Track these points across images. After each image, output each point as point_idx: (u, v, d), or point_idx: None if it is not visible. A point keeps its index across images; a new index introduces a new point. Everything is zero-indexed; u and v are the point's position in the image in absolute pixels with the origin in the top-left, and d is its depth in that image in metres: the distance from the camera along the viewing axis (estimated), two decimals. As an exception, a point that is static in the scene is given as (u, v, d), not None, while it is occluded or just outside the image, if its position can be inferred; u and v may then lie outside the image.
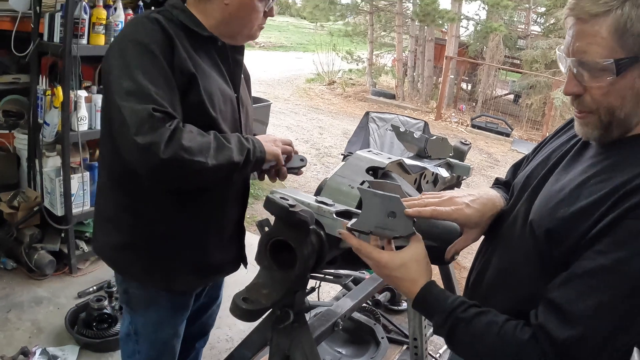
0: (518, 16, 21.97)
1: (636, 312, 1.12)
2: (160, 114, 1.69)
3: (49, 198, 3.92)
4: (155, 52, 1.77)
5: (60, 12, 3.58)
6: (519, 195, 1.50)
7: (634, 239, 1.11)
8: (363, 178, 1.70)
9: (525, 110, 16.93)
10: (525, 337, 1.19)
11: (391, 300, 3.02)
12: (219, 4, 1.92)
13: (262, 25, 2.06)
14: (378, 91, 18.46)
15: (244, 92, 2.17)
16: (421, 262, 1.36)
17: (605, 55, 1.18)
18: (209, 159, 1.74)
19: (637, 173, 1.17)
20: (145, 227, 1.99)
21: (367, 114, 6.97)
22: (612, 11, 1.16)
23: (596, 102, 1.25)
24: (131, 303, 2.16)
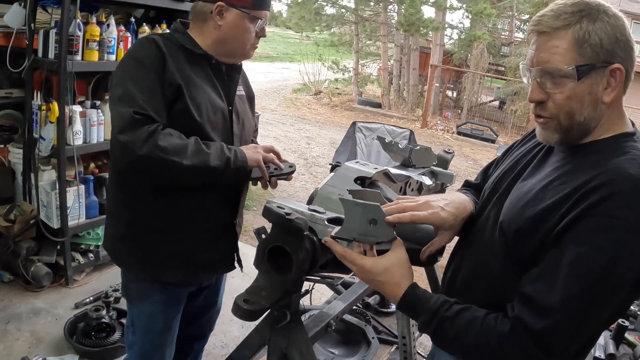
0: (501, 24, 22.15)
1: (603, 300, 1.26)
2: (141, 117, 1.95)
3: (45, 211, 3.99)
4: (147, 66, 2.03)
5: (55, 29, 3.67)
6: (489, 198, 1.63)
7: (593, 235, 1.24)
8: (352, 187, 1.81)
9: (510, 117, 17.10)
10: (506, 329, 1.32)
11: (380, 302, 3.13)
12: (214, 26, 2.15)
13: (255, 45, 2.25)
14: (364, 100, 18.56)
15: (241, 107, 2.36)
16: (403, 266, 1.47)
17: (566, 63, 1.33)
18: (184, 159, 1.96)
19: (594, 175, 1.30)
20: (140, 222, 2.21)
21: (354, 123, 7.08)
22: (571, 26, 1.33)
23: (557, 107, 1.38)
24: (128, 295, 2.39)
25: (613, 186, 1.26)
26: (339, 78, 20.85)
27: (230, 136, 2.25)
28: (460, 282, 1.62)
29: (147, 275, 2.28)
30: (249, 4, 2.13)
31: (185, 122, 2.08)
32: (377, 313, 3.07)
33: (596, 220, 1.25)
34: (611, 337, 2.82)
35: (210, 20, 2.15)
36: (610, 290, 1.26)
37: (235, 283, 3.97)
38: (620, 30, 1.34)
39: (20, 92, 4.14)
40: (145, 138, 1.93)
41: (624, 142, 1.39)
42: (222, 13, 2.13)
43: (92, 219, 4.13)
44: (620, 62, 1.34)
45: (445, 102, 19.66)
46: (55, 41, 3.67)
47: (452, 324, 1.39)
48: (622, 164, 1.31)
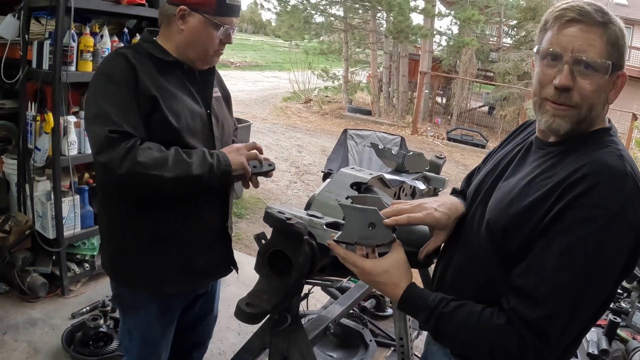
0: (489, 29, 22.31)
1: (593, 287, 1.33)
2: (116, 135, 1.96)
3: (40, 221, 4.01)
4: (118, 81, 2.03)
5: (49, 40, 3.71)
6: (473, 199, 1.69)
7: (579, 225, 1.31)
8: (348, 193, 1.85)
9: (499, 122, 17.22)
10: (502, 321, 1.37)
11: (376, 306, 3.17)
12: (177, 30, 2.15)
13: (219, 52, 2.24)
14: (354, 108, 18.64)
15: (219, 109, 2.35)
16: (402, 267, 1.52)
17: (602, 56, 1.40)
18: (165, 172, 1.98)
19: (576, 169, 1.37)
20: (133, 238, 2.21)
21: (345, 131, 7.12)
22: (609, 25, 1.40)
23: (583, 97, 1.42)
24: (123, 306, 2.39)
25: (595, 178, 1.33)
26: (329, 86, 20.91)
27: (211, 140, 2.25)
28: (449, 280, 1.68)
29: (148, 289, 2.27)
30: (213, 10, 2.11)
31: (165, 132, 2.08)
32: (374, 317, 3.11)
33: (581, 211, 1.31)
34: (604, 334, 2.91)
35: (174, 23, 2.14)
36: (599, 276, 1.33)
37: (230, 291, 4.00)
38: (626, 41, 1.44)
39: (13, 103, 4.17)
40: (124, 155, 1.95)
41: (603, 136, 1.47)
42: (184, 17, 2.11)
43: (87, 228, 4.14)
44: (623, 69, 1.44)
45: (434, 108, 19.77)
46: (50, 52, 3.70)
47: (450, 320, 1.44)
48: (602, 157, 1.39)
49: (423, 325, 1.51)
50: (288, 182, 9.28)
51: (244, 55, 32.97)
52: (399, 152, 2.70)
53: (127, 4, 3.94)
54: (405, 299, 1.51)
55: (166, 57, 2.15)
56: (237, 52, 32.39)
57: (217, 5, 2.10)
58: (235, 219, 6.75)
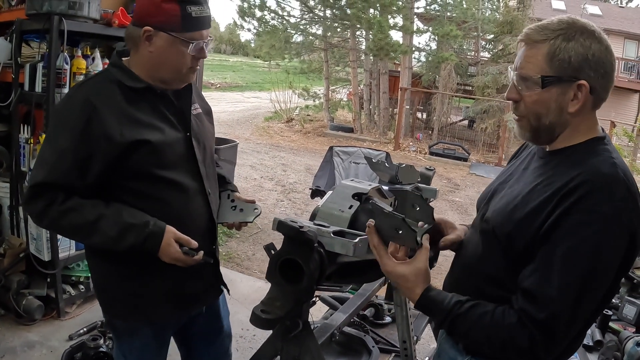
0: (467, 44, 22.56)
1: (595, 284, 1.45)
2: (37, 190, 1.96)
3: (35, 244, 4.02)
4: (66, 127, 1.96)
5: (42, 63, 3.74)
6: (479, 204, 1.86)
7: (578, 229, 1.43)
8: (350, 203, 1.90)
9: (480, 135, 17.40)
10: (513, 320, 1.48)
11: (375, 315, 3.22)
12: (145, 52, 2.00)
13: (193, 68, 2.11)
14: (336, 125, 18.73)
15: (200, 128, 2.25)
16: (420, 275, 1.60)
17: (536, 71, 1.55)
18: (85, 239, 2.08)
19: (572, 177, 1.48)
20: (119, 269, 2.16)
21: (331, 148, 7.19)
22: (548, 40, 1.53)
23: (527, 108, 1.59)
24: (116, 333, 2.34)
25: (589, 185, 1.45)
26: (310, 105, 21.01)
27: (194, 163, 2.18)
28: (453, 280, 1.81)
29: (139, 318, 2.22)
30: (178, 26, 1.97)
31: (142, 168, 2.02)
32: (373, 325, 3.16)
33: (579, 217, 1.43)
34: (597, 326, 3.11)
35: (141, 46, 2.00)
36: (599, 274, 1.45)
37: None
38: (594, 51, 1.52)
39: (3, 126, 4.18)
40: (42, 211, 1.97)
41: (596, 145, 1.58)
42: (151, 38, 1.98)
43: (81, 250, 4.11)
44: (587, 79, 1.52)
45: (416, 123, 19.95)
46: (43, 75, 3.73)
47: (464, 320, 1.54)
48: (595, 165, 1.50)
49: (439, 325, 1.64)
50: (275, 200, 9.33)
51: (224, 76, 32.99)
52: (392, 164, 2.77)
53: (118, 27, 3.99)
54: (422, 303, 1.60)
55: (136, 84, 2.02)
56: (216, 74, 32.45)
57: (182, 21, 1.97)
58: (225, 238, 6.78)
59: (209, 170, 2.28)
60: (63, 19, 3.59)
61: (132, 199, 2.03)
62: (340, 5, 18.36)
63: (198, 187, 2.18)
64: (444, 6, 19.51)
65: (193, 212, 2.17)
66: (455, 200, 10.95)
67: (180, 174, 2.11)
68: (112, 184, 2.02)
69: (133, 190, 2.04)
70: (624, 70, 24.78)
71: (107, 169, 1.97)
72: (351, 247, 1.61)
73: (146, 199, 2.05)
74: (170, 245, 2.01)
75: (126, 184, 2.03)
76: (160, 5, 1.93)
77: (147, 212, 2.03)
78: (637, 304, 3.27)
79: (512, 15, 18.65)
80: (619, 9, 32.89)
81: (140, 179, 2.03)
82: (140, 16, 2.00)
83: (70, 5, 3.62)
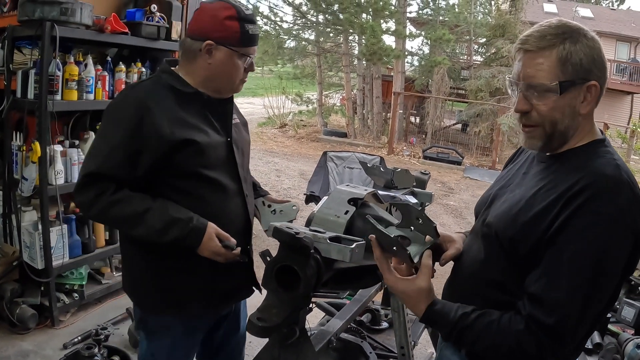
0: (460, 48, 22.61)
1: (602, 286, 1.45)
2: (89, 179, 2.10)
3: (28, 252, 3.99)
4: (120, 123, 2.11)
5: (34, 69, 3.72)
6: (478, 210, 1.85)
7: (584, 232, 1.42)
8: (346, 208, 1.89)
9: (474, 138, 17.42)
10: (520, 327, 1.47)
11: (372, 320, 3.21)
12: (203, 64, 2.19)
13: (244, 80, 2.31)
14: (330, 131, 18.74)
15: (238, 135, 2.41)
16: (421, 293, 1.61)
17: (550, 79, 1.52)
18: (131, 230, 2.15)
19: (576, 180, 1.48)
20: (156, 263, 2.26)
21: (325, 153, 7.18)
22: (556, 46, 1.52)
23: (542, 117, 1.56)
24: (147, 329, 2.39)
25: (595, 187, 1.44)
26: (303, 110, 21.00)
27: (233, 166, 2.32)
28: (454, 286, 1.80)
29: (172, 311, 2.30)
30: (238, 42, 2.17)
31: (187, 166, 2.16)
32: (370, 330, 3.15)
33: (585, 219, 1.43)
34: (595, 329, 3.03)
35: (200, 57, 2.18)
36: (606, 276, 1.45)
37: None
38: (597, 51, 1.53)
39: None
40: (92, 201, 2.09)
41: (597, 148, 1.58)
42: (211, 51, 2.16)
43: (75, 258, 4.13)
44: (596, 79, 1.53)
45: (409, 128, 19.95)
46: (35, 81, 3.71)
47: (471, 330, 1.54)
48: (599, 167, 1.50)
49: (446, 337, 1.63)
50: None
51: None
52: (388, 169, 2.76)
53: (110, 33, 3.97)
54: (427, 318, 1.62)
55: (186, 88, 2.21)
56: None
57: (241, 37, 2.17)
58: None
59: (246, 174, 2.44)
60: (55, 25, 3.56)
61: (175, 196, 2.17)
62: (333, 10, 18.39)
63: (237, 189, 2.33)
64: (436, 10, 19.56)
65: (231, 212, 2.30)
66: (449, 204, 10.95)
67: (221, 174, 2.25)
68: (158, 180, 2.16)
69: (177, 188, 2.17)
70: (617, 72, 24.90)
71: (155, 164, 2.11)
72: (348, 253, 1.60)
73: (189, 196, 2.18)
74: (212, 240, 2.13)
75: (171, 181, 2.17)
76: (223, 22, 2.14)
77: (189, 209, 2.15)
78: (636, 305, 3.26)
79: (505, 19, 18.71)
80: (611, 11, 33.05)
81: (185, 177, 2.17)
82: (201, 31, 2.17)
83: (62, 12, 3.60)
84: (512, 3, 19.44)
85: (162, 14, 4.43)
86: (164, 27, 4.43)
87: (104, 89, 4.11)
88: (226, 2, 2.18)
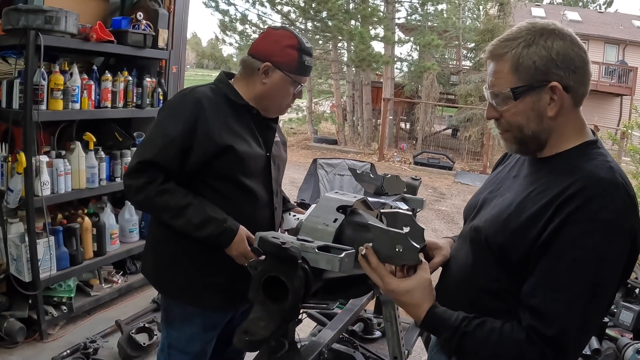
0: (449, 53, 22.69)
1: (600, 295, 1.41)
2: (142, 166, 2.27)
3: (15, 264, 3.92)
4: (178, 118, 2.28)
5: (19, 79, 3.67)
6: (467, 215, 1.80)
7: (581, 239, 1.38)
8: (335, 216, 1.85)
9: (464, 143, 17.47)
10: (522, 337, 1.43)
11: (365, 330, 3.17)
12: (259, 82, 2.39)
13: (289, 104, 2.54)
14: (320, 138, 18.75)
15: (277, 151, 2.60)
16: (425, 289, 1.57)
17: (506, 86, 1.52)
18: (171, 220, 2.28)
19: (569, 184, 1.43)
20: (183, 254, 2.42)
21: (315, 160, 7.15)
22: (510, 52, 1.51)
23: (508, 123, 1.57)
24: (169, 319, 2.54)
25: (589, 191, 1.40)
26: (293, 117, 21.03)
27: (268, 179, 2.50)
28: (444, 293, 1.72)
29: (187, 301, 2.44)
30: (294, 69, 2.37)
31: (227, 171, 2.32)
32: (362, 340, 3.10)
33: (581, 225, 1.38)
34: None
35: (257, 76, 2.37)
36: (605, 283, 1.41)
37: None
38: (558, 49, 1.49)
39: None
40: (141, 187, 2.26)
41: (589, 149, 1.54)
42: (267, 72, 2.35)
43: (63, 270, 4.06)
44: (558, 79, 1.49)
45: (399, 134, 19.99)
46: (20, 91, 3.66)
47: (472, 338, 1.49)
48: (592, 170, 1.45)
49: (446, 344, 1.57)
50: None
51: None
52: (378, 175, 2.73)
53: (96, 41, 3.93)
54: (428, 321, 1.56)
55: (239, 100, 2.39)
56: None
57: (298, 65, 2.37)
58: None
59: (279, 188, 2.64)
60: (40, 34, 3.53)
61: (212, 196, 2.34)
62: (322, 17, 18.40)
63: (268, 200, 2.50)
64: (425, 16, 19.61)
65: (260, 220, 2.46)
66: (441, 209, 10.94)
67: (256, 184, 2.42)
68: (198, 178, 2.34)
69: (215, 189, 2.35)
70: (605, 74, 25.03)
71: (200, 162, 2.29)
72: (337, 263, 1.56)
73: (223, 198, 2.35)
74: (243, 241, 2.30)
75: (210, 182, 2.34)
76: (285, 49, 2.35)
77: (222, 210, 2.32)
78: (634, 309, 3.18)
79: (493, 23, 18.77)
80: (598, 14, 33.22)
81: (223, 180, 2.34)
82: (263, 52, 2.38)
83: (46, 20, 3.56)
84: (500, 7, 19.52)
85: (148, 22, 4.40)
86: (150, 35, 4.40)
87: (90, 98, 4.05)
88: (291, 32, 2.41)
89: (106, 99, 4.20)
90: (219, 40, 20.67)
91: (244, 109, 2.40)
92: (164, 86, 4.68)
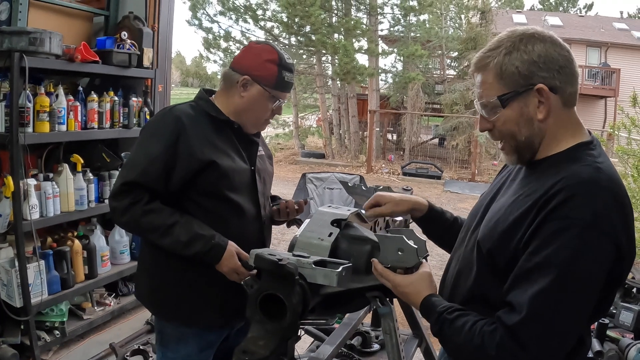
0: (433, 63, 22.80)
1: (572, 295, 1.38)
2: (126, 187, 2.25)
3: (5, 290, 3.87)
4: (159, 138, 2.27)
5: (4, 102, 3.63)
6: (470, 221, 1.79)
7: (554, 237, 1.38)
8: (330, 230, 1.84)
9: (452, 152, 17.54)
10: (489, 329, 1.44)
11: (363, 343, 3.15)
12: (237, 95, 2.39)
13: (268, 121, 2.53)
14: (307, 152, 18.77)
15: (262, 165, 2.59)
16: (426, 280, 1.67)
17: (493, 95, 1.55)
18: (158, 240, 2.26)
19: (551, 185, 1.44)
20: (175, 275, 2.39)
21: (304, 175, 7.15)
22: (492, 61, 1.55)
23: (500, 132, 1.60)
24: (164, 340, 2.50)
25: (569, 191, 1.40)
26: (280, 133, 21.04)
27: (255, 193, 2.48)
28: (449, 282, 1.79)
29: (182, 322, 2.42)
30: (273, 84, 2.37)
31: (212, 187, 2.31)
32: (361, 354, 3.08)
33: (556, 223, 1.39)
34: (594, 337, 3.02)
35: (235, 89, 2.37)
36: (577, 284, 1.38)
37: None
38: (539, 52, 1.51)
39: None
40: (126, 207, 2.23)
41: (580, 151, 1.54)
42: (246, 86, 2.36)
43: (55, 294, 4.00)
44: (543, 81, 1.50)
45: (387, 145, 20.02)
46: (6, 114, 3.61)
47: (450, 325, 1.54)
48: (575, 171, 1.46)
49: (433, 328, 1.61)
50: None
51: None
52: (369, 187, 2.72)
53: (81, 62, 3.91)
54: (424, 305, 1.63)
55: (220, 116, 2.38)
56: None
57: (277, 80, 2.37)
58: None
59: (266, 201, 2.61)
60: (24, 56, 3.49)
61: (198, 213, 2.33)
62: (305, 31, 18.46)
63: (255, 214, 2.48)
64: (408, 27, 19.71)
65: (248, 235, 2.44)
66: (431, 219, 10.92)
67: (242, 198, 2.41)
68: (184, 196, 2.33)
69: (201, 205, 2.33)
70: (588, 77, 25.19)
71: (184, 180, 2.28)
72: (334, 277, 1.55)
73: (210, 214, 2.33)
74: (233, 257, 2.28)
75: (196, 198, 2.33)
76: (265, 64, 2.35)
77: (210, 226, 2.30)
78: (633, 309, 3.20)
79: (475, 32, 18.92)
80: (579, 18, 33.53)
81: (209, 196, 2.33)
82: (243, 66, 2.39)
83: (30, 42, 3.53)
84: (482, 16, 19.69)
85: (132, 41, 4.38)
86: (135, 55, 4.37)
87: (77, 120, 4.01)
88: (272, 47, 2.42)
89: (93, 120, 4.15)
90: (203, 58, 20.70)
91: (225, 125, 2.40)
92: (150, 105, 4.65)
